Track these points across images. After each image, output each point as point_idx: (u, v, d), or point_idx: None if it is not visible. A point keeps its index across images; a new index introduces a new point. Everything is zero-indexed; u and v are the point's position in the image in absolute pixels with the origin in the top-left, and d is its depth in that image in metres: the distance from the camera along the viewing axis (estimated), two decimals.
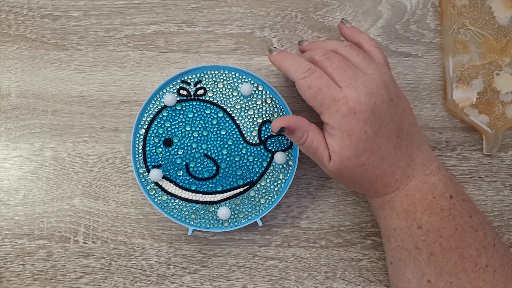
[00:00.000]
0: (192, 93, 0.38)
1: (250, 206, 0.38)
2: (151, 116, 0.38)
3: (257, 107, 0.38)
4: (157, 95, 0.38)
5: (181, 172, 0.38)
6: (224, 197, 0.38)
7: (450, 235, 0.32)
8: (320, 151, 0.33)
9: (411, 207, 0.33)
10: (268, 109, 0.38)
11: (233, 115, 0.38)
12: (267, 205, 0.38)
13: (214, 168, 0.38)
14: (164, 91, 0.38)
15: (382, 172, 0.33)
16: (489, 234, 0.33)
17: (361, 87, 0.32)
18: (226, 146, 0.38)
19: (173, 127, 0.38)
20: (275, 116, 0.38)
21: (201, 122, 0.38)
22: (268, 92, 0.38)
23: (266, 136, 0.38)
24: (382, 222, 0.35)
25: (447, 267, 0.32)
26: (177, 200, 0.38)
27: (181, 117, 0.38)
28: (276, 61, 0.35)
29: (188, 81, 0.38)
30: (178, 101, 0.38)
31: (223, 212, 0.38)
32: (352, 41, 0.36)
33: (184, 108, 0.38)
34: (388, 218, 0.34)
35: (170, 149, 0.38)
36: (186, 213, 0.38)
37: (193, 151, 0.38)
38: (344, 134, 0.32)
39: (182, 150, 0.38)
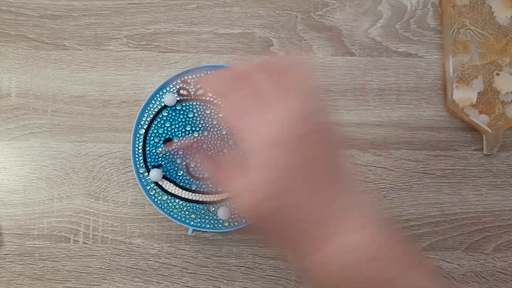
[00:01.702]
0: (192, 93, 0.38)
1: None
2: (151, 116, 0.38)
3: None
4: (157, 95, 0.38)
5: (181, 172, 0.38)
6: (224, 197, 0.38)
7: None
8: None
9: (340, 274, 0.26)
10: None
11: None
12: None
13: None
14: (164, 91, 0.38)
15: (311, 216, 0.26)
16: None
17: (286, 115, 0.27)
18: (226, 146, 0.38)
19: (173, 127, 0.38)
20: None
21: (201, 122, 0.38)
22: None
23: None
24: None
25: None
26: (177, 200, 0.38)
27: (181, 117, 0.38)
28: (201, 83, 0.35)
29: (188, 81, 0.38)
30: (178, 101, 0.38)
31: (223, 212, 0.38)
32: (282, 68, 0.31)
33: (184, 108, 0.38)
34: None
35: (170, 149, 0.38)
36: (186, 213, 0.38)
37: (193, 151, 0.38)
38: (264, 166, 0.26)
39: (182, 150, 0.38)
